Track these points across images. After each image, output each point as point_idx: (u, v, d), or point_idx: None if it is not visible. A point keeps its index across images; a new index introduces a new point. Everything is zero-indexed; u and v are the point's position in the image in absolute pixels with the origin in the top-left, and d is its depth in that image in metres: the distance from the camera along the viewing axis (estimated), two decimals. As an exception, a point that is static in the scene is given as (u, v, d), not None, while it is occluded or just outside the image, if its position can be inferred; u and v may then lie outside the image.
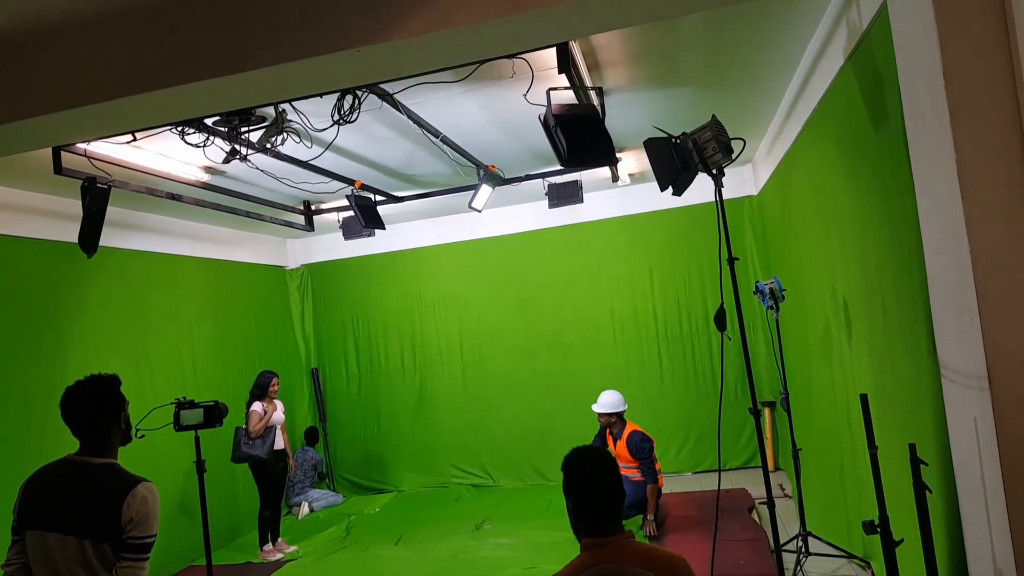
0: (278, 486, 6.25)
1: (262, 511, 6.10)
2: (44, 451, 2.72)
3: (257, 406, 6.07)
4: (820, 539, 4.65)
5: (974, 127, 2.09)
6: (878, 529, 2.50)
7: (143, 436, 2.96)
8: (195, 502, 5.93)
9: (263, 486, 6.07)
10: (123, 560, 2.29)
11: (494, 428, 7.99)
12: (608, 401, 5.67)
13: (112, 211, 4.51)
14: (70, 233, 4.63)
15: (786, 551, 4.37)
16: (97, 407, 2.44)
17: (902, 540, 2.56)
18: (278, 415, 6.20)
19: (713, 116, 3.48)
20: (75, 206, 4.45)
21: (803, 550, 4.51)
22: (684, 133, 3.47)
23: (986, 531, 2.19)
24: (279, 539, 6.23)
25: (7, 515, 2.52)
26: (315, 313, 8.70)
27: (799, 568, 4.35)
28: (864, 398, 2.69)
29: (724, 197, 3.52)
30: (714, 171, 3.44)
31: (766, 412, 7.07)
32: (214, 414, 3.29)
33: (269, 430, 6.06)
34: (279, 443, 6.22)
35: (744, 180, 7.34)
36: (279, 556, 6.05)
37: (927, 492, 2.38)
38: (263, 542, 6.12)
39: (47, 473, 2.46)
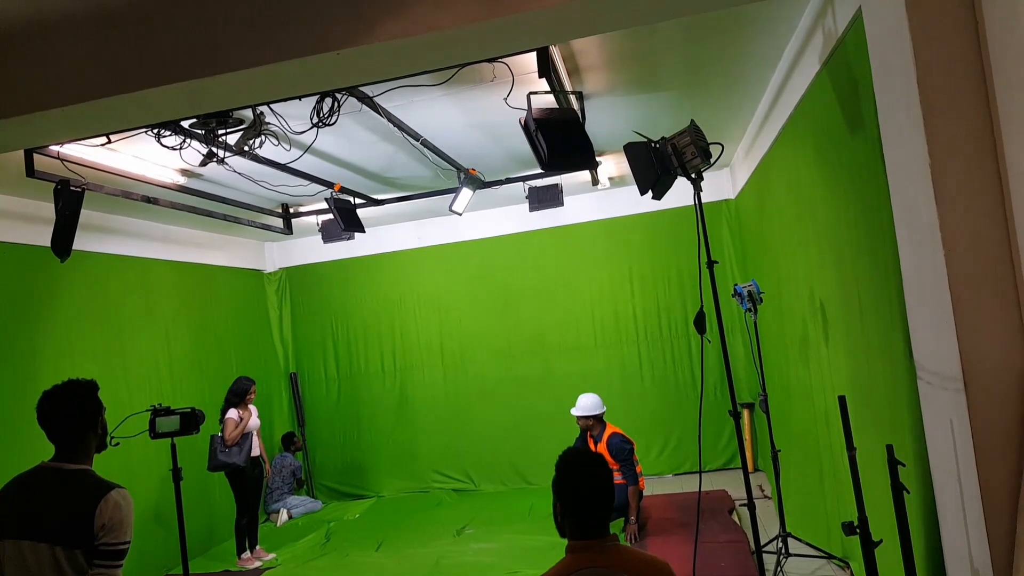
0: (255, 493, 6.17)
1: (239, 518, 6.01)
2: (17, 459, 2.66)
3: (233, 413, 5.99)
4: (800, 540, 4.70)
5: (948, 132, 2.13)
6: (857, 530, 2.53)
7: (118, 444, 2.91)
8: (171, 510, 5.83)
9: (240, 493, 5.99)
10: (95, 567, 2.26)
11: (475, 432, 7.96)
12: (585, 404, 5.68)
13: (86, 214, 4.43)
14: (42, 237, 4.54)
15: (767, 552, 4.41)
16: (74, 412, 2.41)
17: (881, 540, 2.59)
18: (254, 421, 6.12)
19: (692, 121, 3.50)
20: (48, 209, 4.36)
21: (783, 551, 4.54)
22: (663, 138, 3.49)
23: (963, 531, 2.22)
24: (257, 547, 6.15)
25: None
26: (293, 317, 8.61)
27: (779, 569, 4.38)
28: (842, 400, 2.72)
29: (703, 201, 3.55)
30: (693, 175, 3.46)
31: (745, 414, 7.13)
32: (191, 421, 3.24)
33: (245, 437, 5.97)
34: (255, 449, 6.14)
35: (722, 184, 7.41)
36: (257, 564, 5.97)
37: (905, 493, 2.40)
38: (240, 550, 6.04)
39: (21, 481, 2.42)
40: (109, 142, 4.03)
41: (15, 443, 4.60)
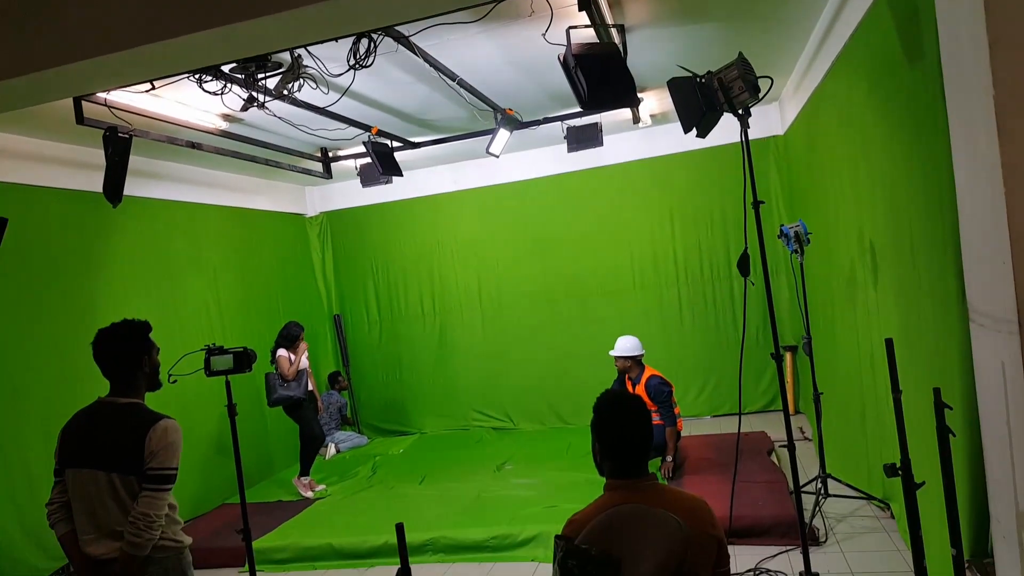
0: (316, 422, 6.53)
1: (312, 443, 6.28)
2: (80, 397, 2.82)
3: (283, 352, 6.21)
4: (839, 481, 4.71)
5: (1014, 62, 2.01)
6: (899, 472, 2.52)
7: (175, 381, 3.04)
8: (229, 443, 6.12)
9: (308, 422, 6.29)
10: (144, 490, 2.41)
11: (513, 373, 8.08)
12: (624, 346, 5.69)
13: (133, 160, 4.52)
14: (94, 183, 4.67)
15: (805, 492, 4.44)
16: (123, 350, 2.54)
17: (923, 483, 2.58)
18: (303, 361, 6.34)
19: (740, 54, 3.36)
20: (98, 155, 4.47)
21: (822, 492, 4.57)
22: (709, 72, 3.36)
23: (1009, 473, 2.19)
24: (310, 478, 6.44)
25: (47, 458, 2.64)
26: (335, 260, 8.76)
27: (818, 509, 4.41)
28: (889, 343, 2.67)
29: (750, 138, 3.43)
30: (740, 111, 3.34)
31: (787, 356, 7.07)
32: (243, 360, 3.35)
33: (301, 372, 6.24)
34: (308, 385, 6.42)
35: (770, 119, 7.15)
36: (309, 494, 6.26)
37: (951, 436, 2.38)
38: (304, 473, 6.33)
39: (81, 415, 2.59)
40: (153, 88, 4.07)
41: (78, 383, 4.84)
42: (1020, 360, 2.03)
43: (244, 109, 4.40)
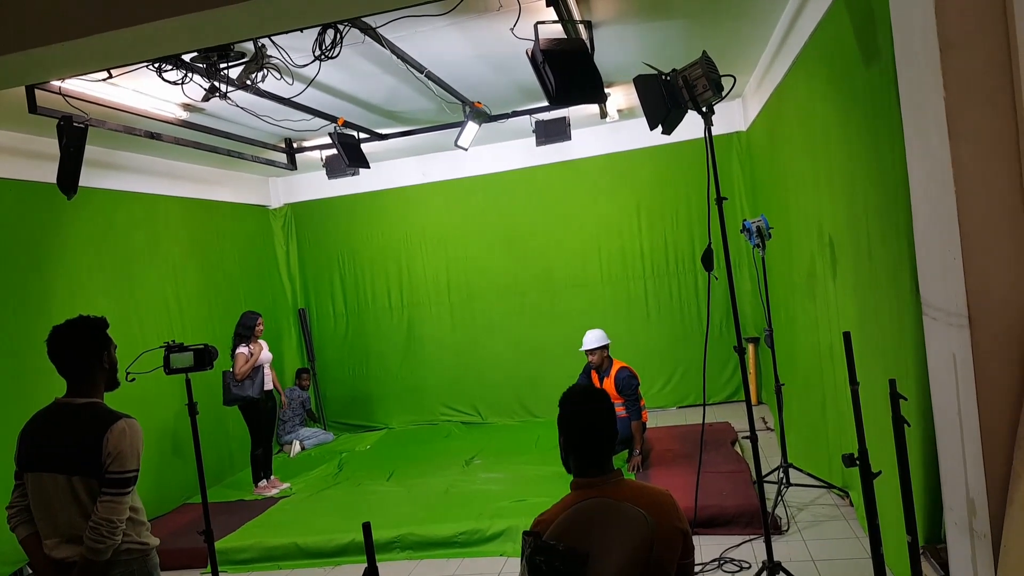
0: (269, 424, 6.34)
1: (254, 449, 6.19)
2: (35, 396, 2.74)
3: (243, 348, 6.08)
4: (801, 470, 4.82)
5: (964, 66, 2.07)
6: (857, 462, 2.58)
7: (134, 380, 2.97)
8: (187, 442, 6.00)
9: (254, 425, 6.15)
10: (103, 494, 2.33)
11: (482, 366, 8.09)
12: (592, 339, 5.72)
13: (90, 150, 4.39)
14: (48, 173, 4.52)
15: (768, 482, 4.53)
16: (79, 347, 2.46)
17: (880, 472, 2.65)
18: (265, 354, 6.21)
19: (704, 52, 3.40)
20: (52, 145, 4.33)
21: (784, 481, 4.67)
22: (674, 70, 3.39)
23: (961, 462, 2.27)
24: (272, 476, 6.35)
25: (1, 461, 2.56)
26: (300, 253, 8.64)
27: (780, 498, 4.51)
28: (847, 336, 2.73)
29: (713, 133, 3.48)
30: (704, 109, 3.38)
31: (750, 348, 7.20)
32: (204, 357, 3.28)
33: (257, 370, 6.08)
34: (267, 382, 6.24)
35: (733, 115, 7.26)
36: (273, 492, 6.18)
37: (905, 425, 2.45)
38: (256, 479, 6.24)
39: (39, 417, 2.51)
40: (110, 76, 3.97)
41: (34, 381, 4.69)
42: (970, 352, 2.11)
43: (205, 99, 4.31)
